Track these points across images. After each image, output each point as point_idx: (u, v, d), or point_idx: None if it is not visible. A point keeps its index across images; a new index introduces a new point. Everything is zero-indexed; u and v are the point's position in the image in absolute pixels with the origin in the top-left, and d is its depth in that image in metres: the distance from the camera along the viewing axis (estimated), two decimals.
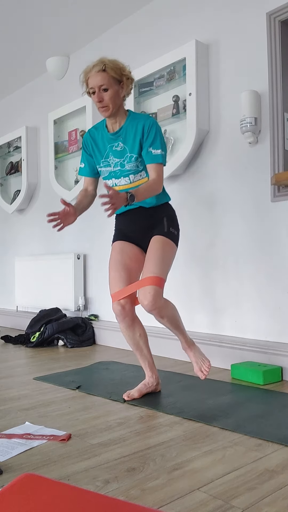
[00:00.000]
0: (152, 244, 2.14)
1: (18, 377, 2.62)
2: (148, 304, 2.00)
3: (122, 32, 3.63)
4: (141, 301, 2.02)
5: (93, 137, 2.21)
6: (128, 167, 2.13)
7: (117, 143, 2.14)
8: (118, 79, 2.07)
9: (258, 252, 2.71)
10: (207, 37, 3.00)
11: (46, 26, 3.68)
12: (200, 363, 2.19)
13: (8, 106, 5.06)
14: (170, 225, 2.20)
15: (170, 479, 1.33)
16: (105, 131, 2.17)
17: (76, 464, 1.44)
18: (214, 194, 2.97)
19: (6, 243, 5.12)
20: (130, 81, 2.12)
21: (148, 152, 2.07)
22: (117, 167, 2.15)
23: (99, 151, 2.20)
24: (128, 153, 2.12)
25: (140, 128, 2.09)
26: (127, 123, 2.13)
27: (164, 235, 2.15)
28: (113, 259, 2.21)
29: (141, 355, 2.21)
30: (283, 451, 1.51)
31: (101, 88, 2.04)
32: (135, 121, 2.12)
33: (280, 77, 2.58)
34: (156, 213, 2.21)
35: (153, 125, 2.09)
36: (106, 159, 2.18)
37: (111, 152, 2.16)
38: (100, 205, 1.80)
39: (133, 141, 2.10)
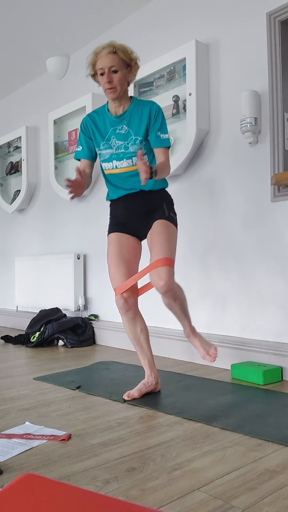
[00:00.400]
0: (156, 227, 2.15)
1: (18, 377, 2.62)
2: (164, 284, 2.01)
3: (122, 32, 3.63)
4: (156, 283, 2.03)
5: (93, 120, 2.23)
6: (132, 149, 2.15)
7: (121, 126, 2.16)
8: (127, 62, 2.12)
9: (258, 252, 2.71)
10: (207, 37, 3.00)
11: (46, 26, 3.68)
12: (206, 348, 2.22)
13: (8, 106, 5.06)
14: (170, 210, 2.24)
15: (170, 479, 1.33)
16: (107, 114, 2.20)
17: (76, 464, 1.44)
18: (214, 194, 2.97)
19: (6, 243, 5.12)
20: (137, 67, 2.18)
21: (157, 136, 2.14)
22: (120, 150, 2.17)
23: (100, 134, 2.21)
24: (133, 135, 2.15)
25: (146, 113, 2.14)
26: (131, 107, 2.17)
27: (166, 219, 2.18)
28: (111, 253, 2.21)
29: (141, 351, 2.22)
30: (283, 451, 1.51)
31: (111, 69, 2.08)
32: (139, 105, 2.16)
33: (280, 77, 2.58)
34: (155, 199, 2.22)
35: (160, 110, 2.16)
36: (108, 142, 2.19)
37: (114, 134, 2.17)
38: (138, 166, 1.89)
39: (139, 124, 2.14)
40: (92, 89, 3.89)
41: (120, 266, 2.17)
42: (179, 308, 2.18)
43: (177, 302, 2.15)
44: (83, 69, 4.03)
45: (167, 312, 3.23)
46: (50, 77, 4.39)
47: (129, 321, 2.19)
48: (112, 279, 2.18)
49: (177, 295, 2.13)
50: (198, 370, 2.68)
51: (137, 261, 2.25)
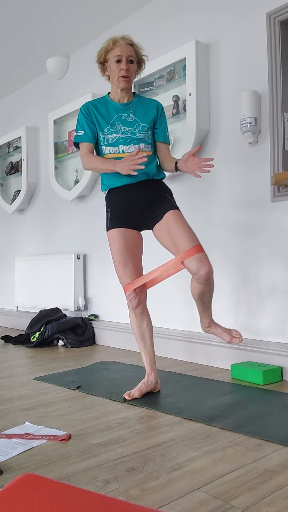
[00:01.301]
0: (173, 218, 2.16)
1: (18, 377, 2.62)
2: (208, 270, 2.04)
3: (122, 32, 3.62)
4: (199, 269, 2.03)
5: (95, 106, 2.26)
6: (139, 135, 2.20)
7: (126, 113, 2.22)
8: (140, 58, 2.24)
9: (258, 252, 2.71)
10: (207, 37, 3.01)
11: (46, 26, 3.68)
12: (228, 332, 2.27)
13: (8, 106, 5.06)
14: (173, 200, 2.29)
15: (170, 479, 1.33)
16: (110, 102, 2.25)
17: (76, 464, 1.44)
18: (214, 194, 2.97)
19: (6, 243, 5.12)
20: (143, 67, 2.29)
21: (166, 132, 2.29)
22: (127, 134, 2.20)
23: (103, 119, 2.22)
24: (140, 122, 2.21)
25: (153, 107, 2.25)
26: (136, 99, 2.27)
27: (176, 209, 2.22)
28: (116, 251, 2.20)
29: (144, 347, 2.23)
30: (283, 451, 1.51)
31: (129, 58, 2.16)
32: (144, 100, 2.27)
33: (280, 77, 2.58)
34: (157, 188, 2.25)
35: (163, 108, 2.31)
36: (113, 126, 2.21)
37: (119, 120, 2.21)
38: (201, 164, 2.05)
39: (145, 115, 2.23)
40: (92, 89, 3.89)
41: (129, 263, 2.18)
42: (209, 296, 2.18)
43: (210, 288, 2.14)
44: (83, 69, 4.03)
45: (167, 312, 3.23)
46: (50, 77, 4.39)
47: (137, 316, 2.21)
48: (120, 277, 2.19)
49: (212, 281, 2.13)
50: (198, 370, 2.68)
51: (140, 255, 2.27)
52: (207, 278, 2.06)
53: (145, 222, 2.23)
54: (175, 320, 3.19)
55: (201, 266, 2.04)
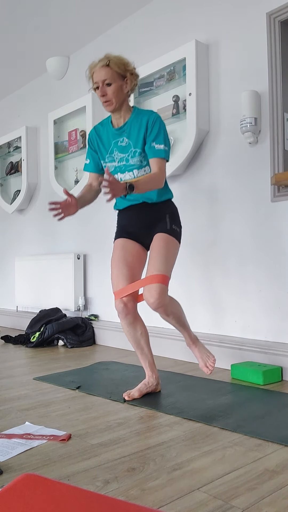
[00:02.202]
0: (156, 241, 2.15)
1: (18, 377, 2.62)
2: (154, 302, 2.01)
3: (122, 32, 3.63)
4: (147, 299, 2.03)
5: (98, 134, 2.23)
6: (132, 161, 2.15)
7: (121, 138, 2.16)
8: (122, 74, 2.09)
9: (258, 252, 2.71)
10: (207, 37, 3.00)
11: (46, 26, 3.68)
12: (205, 359, 2.21)
13: (8, 106, 5.06)
14: (173, 222, 2.21)
15: (170, 479, 1.33)
16: (110, 126, 2.20)
17: (76, 464, 1.44)
18: (214, 194, 2.97)
19: (6, 243, 5.12)
20: (134, 77, 2.14)
21: (151, 146, 2.09)
22: (122, 162, 2.17)
23: (104, 147, 2.21)
24: (132, 148, 2.14)
25: (144, 123, 2.11)
26: (131, 118, 2.15)
27: (167, 233, 2.16)
28: (115, 257, 2.21)
29: (142, 353, 2.21)
30: (283, 451, 1.51)
31: (105, 82, 2.07)
32: (139, 116, 2.14)
33: (280, 77, 2.58)
34: (159, 210, 2.21)
35: (157, 120, 2.11)
36: (111, 155, 2.19)
37: (116, 147, 2.18)
38: (101, 187, 1.85)
39: (137, 136, 2.12)
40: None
41: (123, 270, 2.15)
42: (175, 322, 2.17)
43: (170, 317, 2.13)
44: (83, 69, 4.03)
45: None
46: (50, 77, 4.39)
47: (129, 325, 2.17)
48: (113, 281, 2.17)
49: (170, 310, 2.11)
50: (198, 370, 2.68)
51: (141, 268, 2.22)
52: (154, 309, 2.04)
53: (146, 241, 2.25)
54: None
55: (148, 297, 2.03)
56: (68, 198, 2.04)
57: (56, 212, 2.00)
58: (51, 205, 1.97)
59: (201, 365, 2.22)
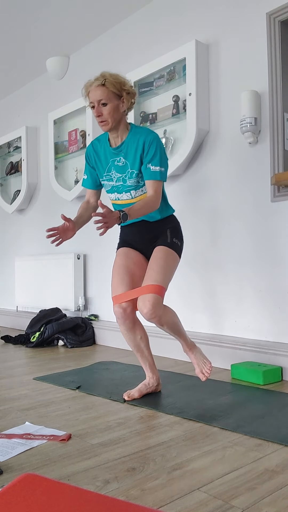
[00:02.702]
0: (155, 253, 2.15)
1: (18, 377, 2.62)
2: (147, 312, 2.00)
3: (122, 32, 3.63)
4: (141, 309, 2.02)
5: (95, 150, 2.21)
6: (129, 182, 2.13)
7: (118, 157, 2.13)
8: (118, 94, 2.05)
9: (258, 252, 2.71)
10: (207, 37, 3.00)
11: (46, 26, 3.68)
12: (201, 365, 2.20)
13: (8, 106, 5.06)
14: (174, 236, 2.21)
15: (170, 479, 1.33)
16: (107, 144, 2.17)
17: (76, 464, 1.44)
18: (214, 194, 2.97)
19: (6, 243, 5.12)
20: (131, 96, 2.10)
21: (147, 168, 2.06)
22: (119, 182, 2.15)
23: (101, 165, 2.20)
24: (129, 168, 2.12)
25: (141, 144, 2.07)
26: (128, 137, 2.11)
27: (167, 246, 2.16)
28: (117, 263, 2.21)
29: (142, 356, 2.21)
30: (283, 451, 1.51)
31: (100, 102, 2.04)
32: (136, 136, 2.10)
33: (280, 77, 2.59)
34: (160, 226, 2.22)
35: (154, 140, 2.06)
36: (108, 173, 2.18)
37: (113, 166, 2.16)
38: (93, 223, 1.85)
39: (134, 156, 2.10)
40: None
41: (124, 276, 2.15)
42: (170, 330, 2.15)
43: (165, 326, 2.12)
44: (83, 69, 4.03)
45: None
46: (50, 77, 4.39)
47: (128, 331, 2.15)
48: (112, 286, 2.16)
49: (164, 320, 2.09)
50: None
51: (142, 276, 2.21)
52: (148, 319, 2.03)
53: (147, 252, 2.25)
54: None
55: (141, 307, 2.02)
56: (65, 222, 2.02)
57: (54, 238, 1.98)
58: (49, 232, 1.96)
59: (197, 371, 2.21)
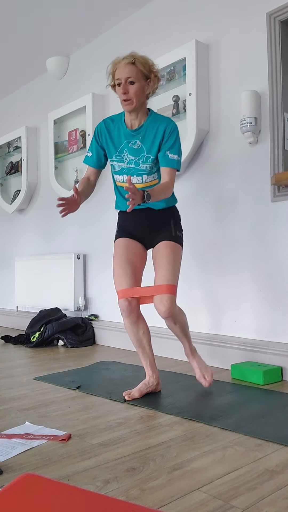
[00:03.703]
0: (162, 249, 2.15)
1: (18, 377, 2.62)
2: (165, 311, 2.05)
3: (122, 32, 3.63)
4: (159, 309, 2.07)
5: (108, 129, 2.18)
6: (143, 166, 2.13)
7: (135, 140, 2.12)
8: (146, 74, 2.06)
9: (258, 252, 2.71)
10: (207, 37, 3.00)
11: (46, 26, 3.68)
12: (203, 371, 2.24)
13: (8, 106, 5.06)
14: (177, 229, 2.23)
15: (170, 479, 1.33)
16: (123, 125, 2.15)
17: (76, 464, 1.44)
18: (214, 194, 2.97)
19: (6, 243, 5.12)
20: (157, 80, 2.11)
21: (165, 155, 2.08)
22: (131, 165, 2.14)
23: (113, 144, 2.17)
24: (145, 153, 2.11)
25: (161, 130, 2.09)
26: (148, 122, 2.11)
27: (173, 240, 2.18)
28: (117, 256, 2.21)
29: (143, 352, 2.22)
30: (283, 451, 1.51)
31: (128, 80, 2.03)
32: (156, 122, 2.11)
33: (280, 77, 2.59)
34: (163, 216, 2.22)
35: (175, 129, 2.10)
36: (120, 154, 2.16)
37: (127, 148, 2.14)
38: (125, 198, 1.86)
39: (152, 142, 2.10)
40: (92, 89, 3.89)
41: (126, 268, 2.16)
42: (180, 330, 2.20)
43: (177, 325, 2.17)
44: (83, 69, 4.03)
45: None
46: (50, 77, 4.39)
47: (132, 324, 2.18)
48: (116, 281, 2.17)
49: (178, 319, 2.15)
50: None
51: (142, 267, 2.24)
52: (165, 317, 2.09)
53: (148, 242, 2.26)
54: None
55: (160, 307, 2.06)
56: (74, 194, 2.03)
57: (62, 208, 2.00)
58: (60, 201, 1.96)
59: (198, 376, 2.24)
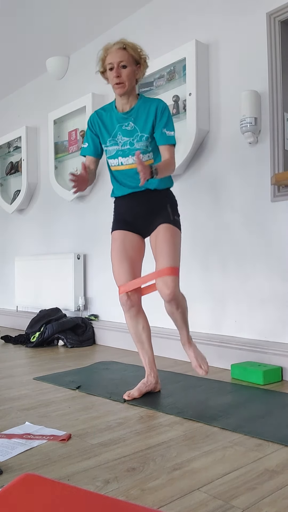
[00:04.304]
0: (162, 233, 2.16)
1: (18, 377, 2.62)
2: (170, 293, 2.06)
3: (122, 32, 3.62)
4: (162, 291, 2.07)
5: (100, 117, 2.25)
6: (137, 146, 2.16)
7: (127, 122, 2.18)
8: (137, 59, 2.15)
9: (258, 252, 2.71)
10: (207, 37, 3.00)
11: (46, 26, 3.68)
12: (199, 360, 2.23)
13: (8, 106, 5.06)
14: (174, 213, 2.25)
15: (170, 479, 1.33)
16: (115, 111, 2.21)
17: (76, 464, 1.44)
18: (213, 194, 2.97)
19: (6, 243, 5.12)
20: (145, 65, 2.20)
21: (163, 133, 2.14)
22: (126, 146, 2.18)
23: (106, 130, 2.22)
24: (139, 132, 2.16)
25: (153, 110, 2.15)
26: (139, 103, 2.18)
27: (171, 223, 2.19)
28: (115, 250, 2.23)
29: (142, 348, 2.23)
30: (283, 451, 1.51)
31: (120, 64, 2.11)
32: (147, 103, 2.18)
33: (280, 77, 2.58)
34: (159, 199, 2.23)
35: (166, 108, 2.17)
36: (114, 138, 2.20)
37: (120, 131, 2.19)
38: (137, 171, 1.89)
39: (145, 121, 2.15)
40: (92, 89, 3.89)
41: (124, 263, 2.19)
42: (180, 317, 2.20)
43: (179, 310, 2.17)
44: (83, 69, 4.03)
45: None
46: (50, 77, 4.39)
47: (132, 318, 2.21)
48: (115, 276, 2.21)
49: (180, 304, 2.16)
50: None
51: (140, 259, 2.26)
52: (169, 301, 2.09)
53: (145, 229, 2.26)
54: None
55: (164, 289, 2.07)
56: (83, 171, 2.05)
57: (74, 184, 2.02)
58: (71, 176, 1.99)
59: (194, 365, 2.23)
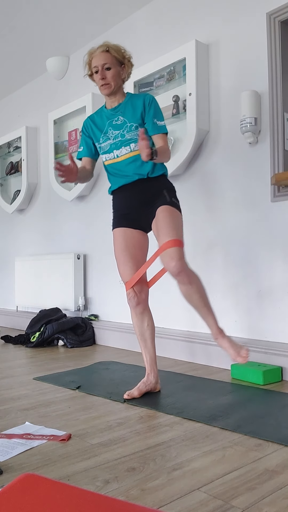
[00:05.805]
0: (160, 213, 2.17)
1: (18, 377, 2.62)
2: (175, 264, 2.01)
3: (122, 32, 3.63)
4: (167, 264, 2.03)
5: (92, 120, 2.34)
6: (128, 136, 2.21)
7: (116, 117, 2.25)
8: (120, 60, 2.23)
9: (258, 252, 2.71)
10: (207, 37, 3.00)
11: (46, 26, 3.68)
12: (237, 349, 2.09)
13: (8, 106, 5.06)
14: (172, 196, 2.24)
15: (170, 479, 1.33)
16: (104, 110, 2.30)
17: (76, 464, 1.44)
18: (214, 194, 2.97)
19: (6, 243, 5.12)
20: (130, 65, 2.27)
21: (154, 123, 2.20)
22: (117, 138, 2.23)
23: (98, 129, 2.30)
24: (128, 123, 2.21)
25: (141, 102, 2.22)
26: (126, 100, 2.27)
27: (169, 204, 2.19)
28: (118, 249, 2.25)
29: (145, 346, 2.24)
30: (283, 451, 1.51)
31: (104, 66, 2.20)
32: (134, 97, 2.27)
33: (280, 77, 2.59)
34: (154, 186, 2.24)
35: (153, 99, 2.24)
36: (106, 134, 2.27)
37: (111, 126, 2.26)
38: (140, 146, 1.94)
39: (133, 113, 2.22)
40: (92, 89, 3.89)
41: (128, 262, 2.21)
42: (198, 296, 2.08)
43: (193, 287, 2.06)
44: (83, 69, 4.02)
45: (167, 312, 3.23)
46: (50, 77, 4.39)
47: (137, 316, 2.23)
48: (121, 274, 2.24)
49: (193, 279, 2.06)
50: (198, 370, 2.68)
51: (144, 255, 2.27)
52: (177, 273, 2.02)
53: (146, 222, 2.25)
54: (176, 320, 3.19)
55: (168, 261, 2.02)
56: (71, 163, 2.10)
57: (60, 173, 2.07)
58: (57, 164, 2.03)
59: (233, 356, 2.08)
